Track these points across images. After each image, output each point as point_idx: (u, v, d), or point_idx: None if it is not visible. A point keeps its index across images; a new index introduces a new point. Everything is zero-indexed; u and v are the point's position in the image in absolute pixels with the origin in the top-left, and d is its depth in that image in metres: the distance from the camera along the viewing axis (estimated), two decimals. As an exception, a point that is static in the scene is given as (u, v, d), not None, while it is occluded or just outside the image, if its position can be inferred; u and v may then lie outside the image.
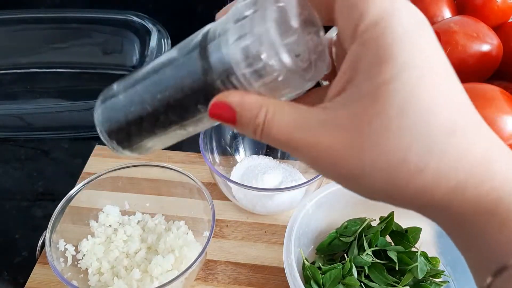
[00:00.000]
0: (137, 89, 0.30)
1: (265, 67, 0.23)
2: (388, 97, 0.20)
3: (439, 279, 0.48)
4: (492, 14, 0.63)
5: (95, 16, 0.81)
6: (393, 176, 0.21)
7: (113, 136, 0.32)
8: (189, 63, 0.26)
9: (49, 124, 0.70)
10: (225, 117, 0.24)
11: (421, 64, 0.20)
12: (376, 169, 0.21)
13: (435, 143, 0.20)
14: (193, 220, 0.55)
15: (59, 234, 0.50)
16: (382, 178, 0.21)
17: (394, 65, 0.20)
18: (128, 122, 0.31)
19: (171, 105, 0.28)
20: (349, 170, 0.22)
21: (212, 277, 0.53)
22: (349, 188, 0.23)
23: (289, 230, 0.48)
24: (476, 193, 0.21)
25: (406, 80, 0.20)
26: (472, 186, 0.21)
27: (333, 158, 0.22)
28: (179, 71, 0.27)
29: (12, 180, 0.66)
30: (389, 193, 0.22)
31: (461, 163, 0.20)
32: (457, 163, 0.20)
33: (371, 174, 0.21)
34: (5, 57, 0.83)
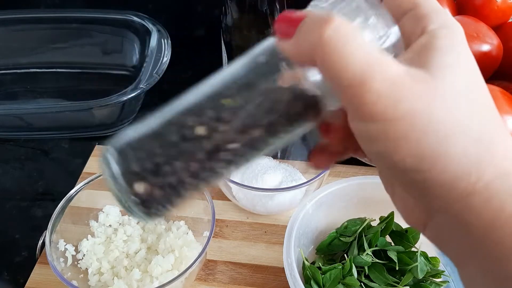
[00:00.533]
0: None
1: None
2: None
3: (439, 279, 0.48)
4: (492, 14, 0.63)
5: (95, 16, 0.81)
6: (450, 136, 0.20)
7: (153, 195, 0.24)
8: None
9: (49, 124, 0.70)
10: (291, 22, 0.22)
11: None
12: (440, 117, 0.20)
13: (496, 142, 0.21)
14: (193, 220, 0.55)
15: (59, 234, 0.50)
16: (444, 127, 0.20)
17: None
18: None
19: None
20: (412, 104, 0.20)
21: (212, 277, 0.53)
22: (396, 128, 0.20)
23: (289, 230, 0.48)
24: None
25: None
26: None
27: (398, 87, 0.20)
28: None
29: (12, 180, 0.66)
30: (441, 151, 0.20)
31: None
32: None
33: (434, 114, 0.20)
34: (5, 57, 0.83)
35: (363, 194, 0.52)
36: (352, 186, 0.51)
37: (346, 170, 0.63)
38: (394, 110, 0.20)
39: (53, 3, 0.87)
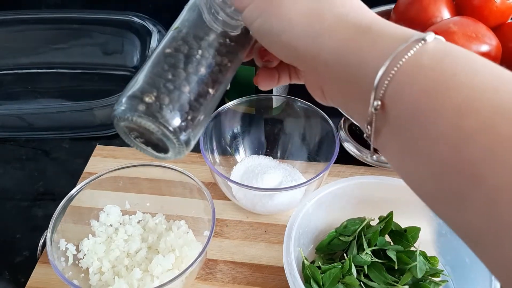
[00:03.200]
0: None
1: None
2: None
3: (438, 278, 0.48)
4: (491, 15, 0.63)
5: (95, 16, 0.81)
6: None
7: (180, 124, 0.31)
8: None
9: (50, 124, 0.71)
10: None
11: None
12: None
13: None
14: (193, 220, 0.55)
15: (60, 233, 0.50)
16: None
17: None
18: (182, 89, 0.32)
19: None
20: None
21: (212, 276, 0.53)
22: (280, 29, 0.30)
23: (289, 229, 0.48)
24: (355, 19, 0.28)
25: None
26: (352, 15, 0.28)
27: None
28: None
29: (13, 180, 0.66)
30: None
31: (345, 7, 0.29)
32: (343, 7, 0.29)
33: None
34: (6, 57, 0.83)
35: (362, 194, 0.52)
36: (352, 186, 0.52)
37: (346, 170, 0.63)
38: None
39: (53, 3, 0.87)
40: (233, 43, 0.34)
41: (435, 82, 0.23)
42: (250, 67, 0.65)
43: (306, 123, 0.64)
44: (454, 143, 0.21)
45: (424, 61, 0.24)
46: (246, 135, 0.66)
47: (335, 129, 0.58)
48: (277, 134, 0.66)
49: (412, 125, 0.24)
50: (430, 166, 0.23)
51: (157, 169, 0.55)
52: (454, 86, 0.22)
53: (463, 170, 0.21)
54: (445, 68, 0.23)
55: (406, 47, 0.25)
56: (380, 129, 0.26)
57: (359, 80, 0.26)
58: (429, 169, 0.23)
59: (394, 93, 0.24)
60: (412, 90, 0.24)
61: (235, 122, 0.65)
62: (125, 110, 0.30)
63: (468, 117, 0.21)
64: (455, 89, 0.22)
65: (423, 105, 0.23)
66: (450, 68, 0.23)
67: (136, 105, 0.30)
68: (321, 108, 0.61)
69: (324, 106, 0.61)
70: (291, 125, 0.66)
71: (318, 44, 0.28)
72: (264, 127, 0.67)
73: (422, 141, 0.23)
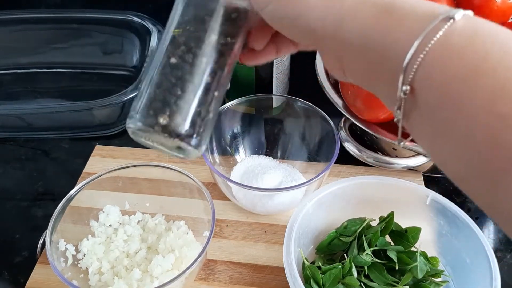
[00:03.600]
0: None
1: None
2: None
3: (438, 278, 0.48)
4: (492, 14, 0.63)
5: (95, 16, 0.81)
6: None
7: (190, 128, 0.32)
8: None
9: (49, 124, 0.70)
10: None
11: None
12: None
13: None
14: (193, 220, 0.55)
15: (60, 234, 0.50)
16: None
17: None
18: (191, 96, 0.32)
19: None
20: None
21: (212, 277, 0.53)
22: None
23: (289, 230, 0.48)
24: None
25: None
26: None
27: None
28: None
29: (12, 180, 0.66)
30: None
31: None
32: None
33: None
34: (6, 57, 0.83)
35: (363, 194, 0.52)
36: (352, 186, 0.52)
37: (346, 170, 0.63)
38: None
39: (53, 3, 0.87)
40: (233, 40, 0.34)
41: (467, 65, 0.22)
42: (250, 67, 0.65)
43: (306, 123, 0.64)
44: (490, 128, 0.21)
45: (454, 43, 0.23)
46: (246, 135, 0.66)
47: (335, 129, 0.58)
48: (277, 134, 0.66)
49: (444, 110, 0.23)
50: (465, 151, 0.22)
51: (156, 169, 0.55)
52: (486, 69, 0.21)
53: (499, 155, 0.20)
54: (476, 49, 0.22)
55: (434, 27, 0.23)
56: (410, 113, 0.25)
57: (386, 62, 0.25)
58: (463, 153, 0.22)
59: (424, 78, 0.23)
60: (442, 74, 0.23)
61: (235, 122, 0.65)
62: (140, 129, 0.32)
63: (503, 100, 0.20)
64: (488, 72, 0.21)
65: (455, 90, 0.22)
66: (482, 49, 0.22)
67: (150, 125, 0.32)
68: (321, 108, 0.61)
69: (325, 106, 0.61)
70: (291, 125, 0.66)
71: (340, 27, 0.27)
72: (264, 127, 0.67)
73: (456, 127, 0.22)
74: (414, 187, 0.51)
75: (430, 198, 0.50)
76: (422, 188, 0.52)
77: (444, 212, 0.49)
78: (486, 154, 0.21)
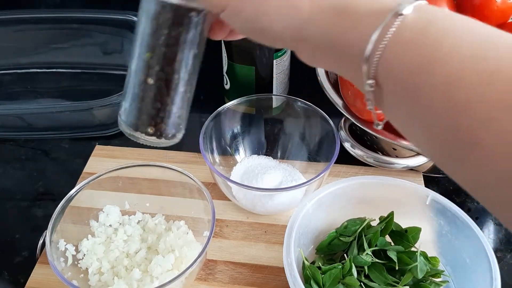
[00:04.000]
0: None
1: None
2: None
3: (438, 278, 0.48)
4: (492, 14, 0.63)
5: (95, 16, 0.81)
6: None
7: (151, 125, 0.38)
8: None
9: (49, 124, 0.70)
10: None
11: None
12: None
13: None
14: (193, 220, 0.55)
15: (60, 234, 0.50)
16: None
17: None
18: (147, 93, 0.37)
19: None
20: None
21: (212, 277, 0.53)
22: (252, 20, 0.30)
23: (289, 230, 0.48)
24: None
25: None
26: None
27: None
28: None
29: (12, 180, 0.66)
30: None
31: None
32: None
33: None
34: (6, 57, 0.83)
35: (363, 194, 0.52)
36: (352, 186, 0.52)
37: (346, 170, 0.63)
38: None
39: (53, 3, 0.87)
40: (200, 48, 0.37)
41: (421, 58, 0.23)
42: (250, 67, 0.65)
43: (306, 123, 0.64)
44: (450, 116, 0.22)
45: (407, 36, 0.24)
46: (246, 135, 0.66)
47: (335, 129, 0.58)
48: (277, 134, 0.66)
49: (407, 101, 0.24)
50: (432, 136, 0.24)
51: (156, 169, 0.55)
52: (440, 59, 0.23)
53: (462, 137, 0.22)
54: (429, 40, 0.23)
55: (386, 25, 0.24)
56: (380, 103, 0.27)
57: (351, 59, 0.27)
58: (431, 139, 0.24)
59: (385, 72, 0.25)
60: (400, 68, 0.24)
61: (235, 122, 0.65)
62: (132, 134, 0.38)
63: (460, 89, 0.22)
64: (442, 62, 0.22)
65: (412, 82, 0.23)
66: (434, 39, 0.23)
67: (141, 131, 0.38)
68: (321, 108, 0.61)
69: (325, 106, 0.61)
70: (291, 125, 0.66)
71: (304, 31, 0.28)
72: (264, 127, 0.67)
73: (419, 116, 0.24)
74: (414, 187, 0.51)
75: (430, 198, 0.50)
76: (422, 188, 0.52)
77: (444, 212, 0.49)
78: (450, 139, 0.23)
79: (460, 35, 0.23)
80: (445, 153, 0.24)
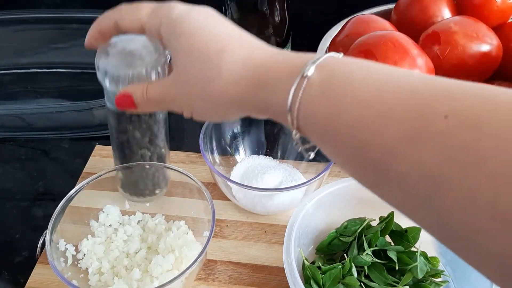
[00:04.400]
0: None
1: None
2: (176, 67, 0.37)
3: (438, 278, 0.48)
4: (492, 14, 0.63)
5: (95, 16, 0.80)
6: (206, 87, 0.34)
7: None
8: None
9: (49, 124, 0.70)
10: (128, 102, 0.40)
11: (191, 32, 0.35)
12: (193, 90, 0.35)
13: (212, 59, 0.33)
14: (193, 220, 0.55)
15: (59, 234, 0.50)
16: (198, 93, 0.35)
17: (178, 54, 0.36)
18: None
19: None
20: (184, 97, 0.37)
21: (212, 277, 0.53)
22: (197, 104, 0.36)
23: (289, 230, 0.48)
24: (246, 78, 0.32)
25: (184, 56, 0.35)
26: (241, 74, 0.32)
27: (176, 95, 0.37)
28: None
29: (12, 180, 0.66)
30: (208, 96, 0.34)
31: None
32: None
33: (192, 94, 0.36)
34: (5, 57, 0.83)
35: (363, 194, 0.52)
36: (352, 186, 0.51)
37: (346, 170, 0.63)
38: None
39: (53, 3, 0.87)
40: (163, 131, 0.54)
41: (328, 109, 0.27)
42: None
43: (306, 123, 0.64)
44: (358, 151, 0.26)
45: (313, 94, 0.28)
46: (246, 135, 0.66)
47: (335, 129, 0.58)
48: (277, 134, 0.66)
49: (325, 143, 0.29)
50: (352, 168, 0.29)
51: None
52: (344, 108, 0.27)
53: (371, 165, 0.26)
54: (332, 94, 0.27)
55: (297, 87, 0.29)
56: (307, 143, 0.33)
57: (279, 115, 0.31)
58: (352, 170, 0.29)
59: (304, 123, 0.30)
60: (314, 120, 0.28)
61: (235, 122, 0.65)
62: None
63: (362, 129, 0.26)
64: (345, 110, 0.27)
65: (326, 129, 0.28)
66: (337, 93, 0.27)
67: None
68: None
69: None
70: (291, 125, 0.66)
71: (240, 107, 0.34)
72: (264, 127, 0.67)
73: (338, 153, 0.29)
74: (414, 187, 0.51)
75: (430, 198, 0.50)
76: (422, 188, 0.51)
77: (444, 212, 0.49)
78: (364, 165, 0.27)
79: (358, 84, 0.27)
80: (362, 181, 0.29)
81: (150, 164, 0.55)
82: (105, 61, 0.45)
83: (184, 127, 0.72)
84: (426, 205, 0.24)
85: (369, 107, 0.26)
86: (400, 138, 0.24)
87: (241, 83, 0.32)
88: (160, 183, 0.57)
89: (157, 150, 0.54)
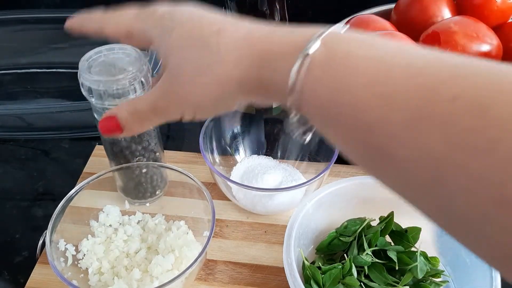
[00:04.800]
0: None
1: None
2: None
3: (438, 278, 0.48)
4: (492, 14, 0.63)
5: (95, 16, 0.81)
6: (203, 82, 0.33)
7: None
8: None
9: (49, 124, 0.70)
10: (112, 125, 0.36)
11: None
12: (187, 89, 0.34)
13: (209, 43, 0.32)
14: (193, 220, 0.55)
15: (60, 234, 0.50)
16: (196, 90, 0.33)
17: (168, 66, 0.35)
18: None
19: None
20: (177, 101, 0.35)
21: (212, 277, 0.53)
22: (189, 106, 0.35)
23: (289, 230, 0.48)
24: (248, 56, 0.31)
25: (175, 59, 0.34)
26: (241, 52, 0.31)
27: (171, 98, 0.35)
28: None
29: (12, 180, 0.66)
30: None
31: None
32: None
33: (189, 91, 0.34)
34: (5, 57, 0.83)
35: (363, 194, 0.52)
36: (352, 186, 0.51)
37: (346, 170, 0.63)
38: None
39: (53, 3, 0.87)
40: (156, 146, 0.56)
41: (330, 90, 0.27)
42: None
43: (306, 123, 0.64)
44: (360, 134, 0.26)
45: (316, 74, 0.27)
46: (246, 135, 0.66)
47: (335, 129, 0.58)
48: (277, 134, 0.66)
49: (327, 125, 0.29)
50: (354, 151, 0.28)
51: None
52: (345, 89, 0.26)
53: (375, 149, 0.25)
54: (333, 75, 0.27)
55: (300, 66, 0.28)
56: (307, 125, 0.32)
57: (279, 96, 0.31)
58: (354, 153, 0.28)
59: (306, 104, 0.29)
60: (316, 101, 0.28)
61: (235, 122, 0.65)
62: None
63: (364, 111, 0.25)
64: (347, 91, 0.26)
65: (328, 112, 0.28)
66: (336, 74, 0.27)
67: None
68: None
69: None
70: (291, 125, 0.66)
71: (240, 88, 0.33)
72: (264, 127, 0.67)
73: (339, 135, 0.28)
74: (414, 187, 0.51)
75: (430, 198, 0.50)
76: (422, 188, 0.51)
77: (444, 212, 0.49)
78: (368, 151, 0.26)
79: (362, 63, 0.26)
80: (364, 165, 0.28)
81: (147, 167, 0.55)
82: (87, 77, 0.46)
83: (184, 127, 0.72)
84: (431, 190, 0.23)
85: (373, 88, 0.25)
86: (405, 121, 0.23)
87: (242, 63, 0.31)
88: (160, 184, 0.57)
89: (151, 155, 0.55)
